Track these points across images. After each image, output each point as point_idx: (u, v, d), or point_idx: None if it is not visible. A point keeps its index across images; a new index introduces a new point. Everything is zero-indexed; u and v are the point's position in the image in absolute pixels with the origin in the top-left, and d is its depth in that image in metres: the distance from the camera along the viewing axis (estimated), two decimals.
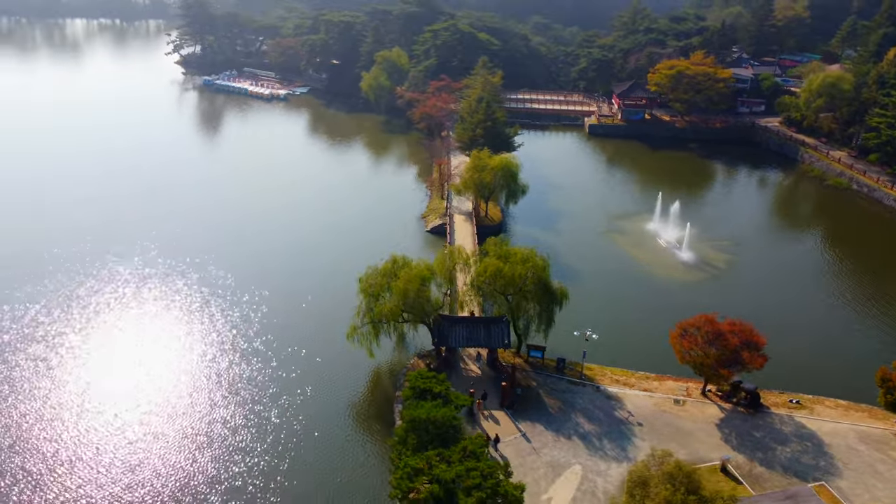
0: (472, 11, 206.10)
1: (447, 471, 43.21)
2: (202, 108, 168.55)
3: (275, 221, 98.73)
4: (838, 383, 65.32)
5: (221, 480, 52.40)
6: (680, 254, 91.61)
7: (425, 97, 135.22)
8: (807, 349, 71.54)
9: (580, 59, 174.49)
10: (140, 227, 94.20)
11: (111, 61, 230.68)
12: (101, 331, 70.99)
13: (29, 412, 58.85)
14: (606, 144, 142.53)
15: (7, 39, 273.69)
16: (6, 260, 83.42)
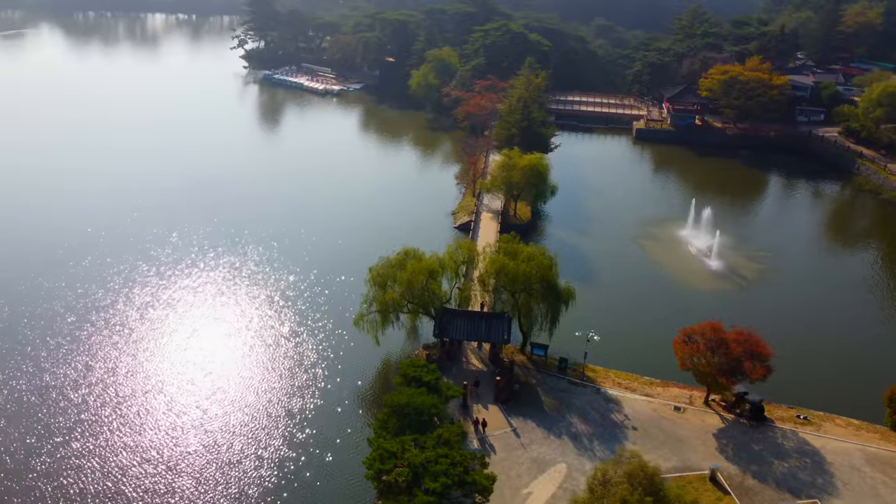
0: (531, 12, 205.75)
1: (417, 455, 44.28)
2: (259, 101, 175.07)
3: (319, 212, 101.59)
4: (855, 403, 62.69)
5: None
6: (708, 262, 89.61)
7: (470, 96, 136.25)
8: (827, 367, 69.14)
9: (635, 62, 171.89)
10: (203, 213, 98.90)
11: (183, 55, 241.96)
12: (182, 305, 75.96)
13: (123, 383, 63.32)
14: (653, 149, 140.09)
15: (93, 32, 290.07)
16: (106, 243, 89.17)
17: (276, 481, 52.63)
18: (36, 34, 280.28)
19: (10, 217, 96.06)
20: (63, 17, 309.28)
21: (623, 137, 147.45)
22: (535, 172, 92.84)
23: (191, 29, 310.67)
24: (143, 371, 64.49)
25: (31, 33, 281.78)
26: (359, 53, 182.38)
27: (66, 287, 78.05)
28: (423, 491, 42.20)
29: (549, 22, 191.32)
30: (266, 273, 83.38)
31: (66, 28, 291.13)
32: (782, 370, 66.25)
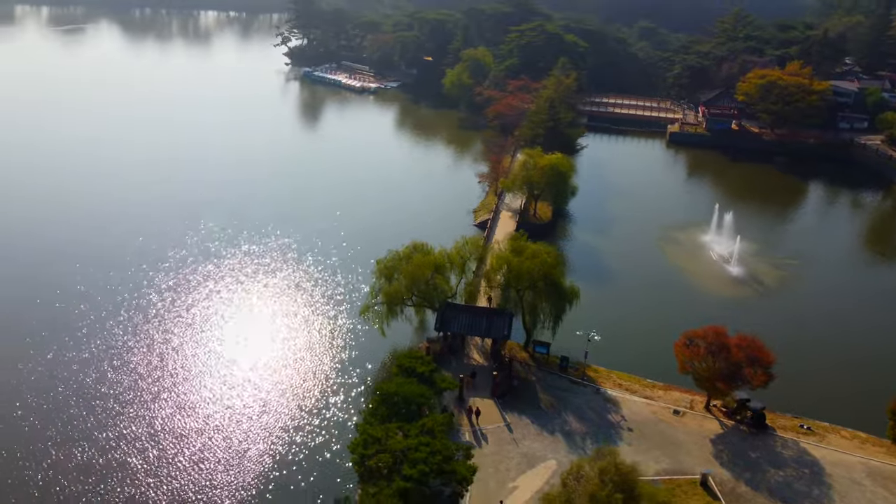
0: (572, 13, 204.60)
1: (399, 442, 45.22)
2: (296, 98, 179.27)
3: (348, 208, 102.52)
4: (865, 416, 60.88)
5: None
6: (729, 268, 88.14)
7: (502, 96, 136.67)
8: (841, 379, 67.35)
9: (675, 64, 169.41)
10: (236, 208, 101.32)
11: (230, 51, 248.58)
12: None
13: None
14: (686, 153, 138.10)
15: (148, 28, 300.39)
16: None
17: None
18: (95, 29, 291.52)
19: (85, 211, 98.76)
20: (121, 14, 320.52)
21: (657, 141, 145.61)
22: (556, 172, 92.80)
23: (241, 26, 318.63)
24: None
25: (90, 28, 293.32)
26: (397, 52, 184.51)
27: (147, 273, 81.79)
28: (401, 477, 43.07)
29: (588, 23, 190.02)
30: (293, 262, 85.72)
31: (123, 24, 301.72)
32: (792, 380, 65.44)
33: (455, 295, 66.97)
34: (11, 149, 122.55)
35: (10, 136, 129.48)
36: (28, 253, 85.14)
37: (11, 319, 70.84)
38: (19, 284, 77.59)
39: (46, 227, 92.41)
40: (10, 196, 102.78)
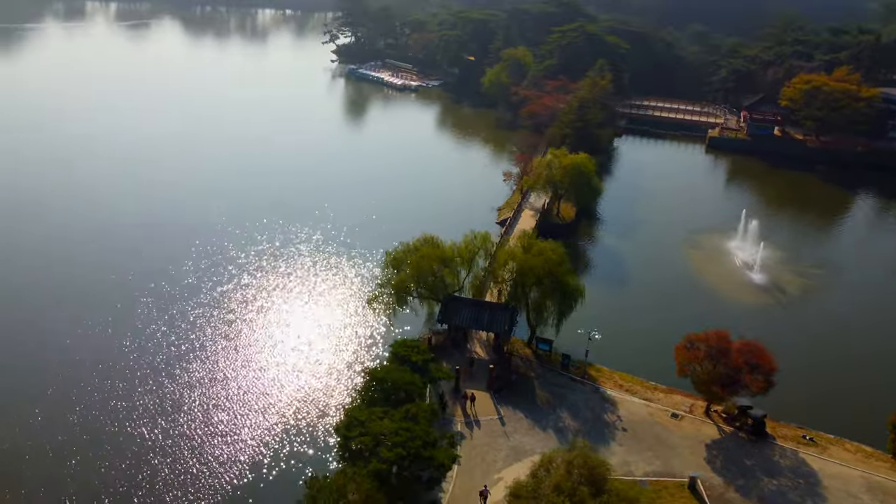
0: (619, 15, 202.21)
1: (380, 426, 46.33)
2: (340, 94, 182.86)
3: (382, 204, 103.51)
4: (875, 431, 59.20)
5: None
6: (750, 274, 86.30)
7: (538, 96, 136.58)
8: (853, 392, 65.40)
9: (721, 68, 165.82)
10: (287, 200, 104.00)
11: (283, 49, 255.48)
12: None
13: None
14: (725, 159, 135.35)
15: (208, 25, 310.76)
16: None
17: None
18: (158, 25, 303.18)
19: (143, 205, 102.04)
20: (183, 11, 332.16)
21: (696, 145, 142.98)
22: (578, 172, 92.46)
23: (296, 24, 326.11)
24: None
25: (154, 24, 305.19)
26: (439, 51, 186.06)
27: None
28: (377, 459, 44.21)
29: (635, 25, 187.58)
30: (321, 251, 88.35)
31: (185, 20, 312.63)
32: (801, 390, 64.40)
33: (462, 289, 67.78)
34: (94, 144, 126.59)
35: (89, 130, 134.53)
36: (133, 230, 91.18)
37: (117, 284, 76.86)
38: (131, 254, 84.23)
39: (155, 207, 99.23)
40: (116, 180, 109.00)
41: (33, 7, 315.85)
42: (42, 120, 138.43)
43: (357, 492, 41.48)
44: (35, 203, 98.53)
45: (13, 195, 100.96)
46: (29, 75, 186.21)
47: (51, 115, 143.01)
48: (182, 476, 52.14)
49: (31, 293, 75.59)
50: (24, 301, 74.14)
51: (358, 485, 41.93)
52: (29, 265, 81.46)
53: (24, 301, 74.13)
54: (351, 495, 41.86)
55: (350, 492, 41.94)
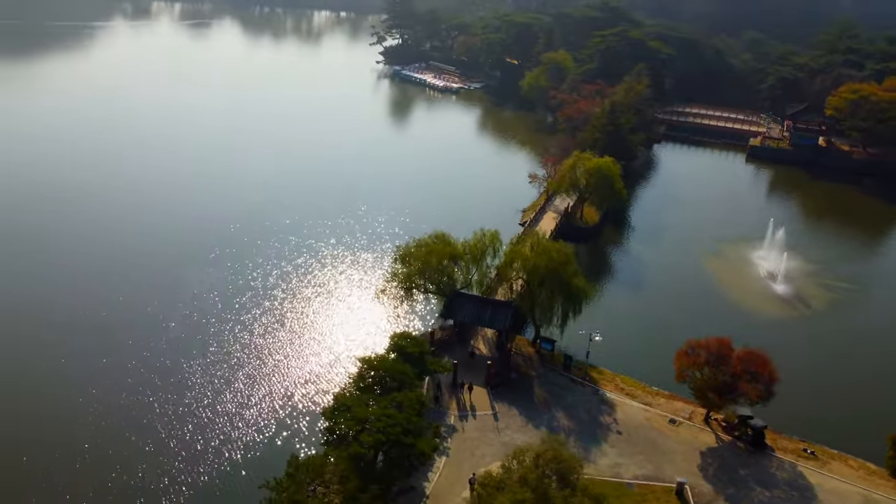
0: (668, 21, 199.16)
1: (365, 412, 47.51)
2: (382, 95, 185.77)
3: (413, 203, 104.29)
4: (881, 449, 57.38)
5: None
6: (774, 285, 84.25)
7: (575, 99, 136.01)
8: (865, 410, 63.31)
9: (769, 76, 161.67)
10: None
11: (334, 49, 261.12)
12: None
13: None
14: (765, 168, 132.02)
15: (265, 25, 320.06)
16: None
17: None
18: (219, 24, 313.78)
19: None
20: (242, 11, 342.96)
21: (736, 154, 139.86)
22: (601, 175, 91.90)
23: (349, 25, 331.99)
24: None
25: (215, 23, 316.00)
26: (482, 54, 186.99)
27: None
28: (357, 443, 45.39)
29: (683, 31, 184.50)
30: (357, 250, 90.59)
31: (244, 20, 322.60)
32: (810, 404, 63.06)
33: (469, 285, 68.34)
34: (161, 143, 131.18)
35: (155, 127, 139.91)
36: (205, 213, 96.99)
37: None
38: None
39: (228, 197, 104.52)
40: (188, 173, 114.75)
41: (104, 6, 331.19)
42: (110, 115, 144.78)
43: (333, 472, 42.77)
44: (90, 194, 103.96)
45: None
46: (100, 72, 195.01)
47: (119, 109, 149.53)
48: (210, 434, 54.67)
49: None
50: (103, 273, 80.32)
51: (335, 465, 43.23)
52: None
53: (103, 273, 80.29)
54: (328, 475, 43.23)
55: (328, 472, 43.31)
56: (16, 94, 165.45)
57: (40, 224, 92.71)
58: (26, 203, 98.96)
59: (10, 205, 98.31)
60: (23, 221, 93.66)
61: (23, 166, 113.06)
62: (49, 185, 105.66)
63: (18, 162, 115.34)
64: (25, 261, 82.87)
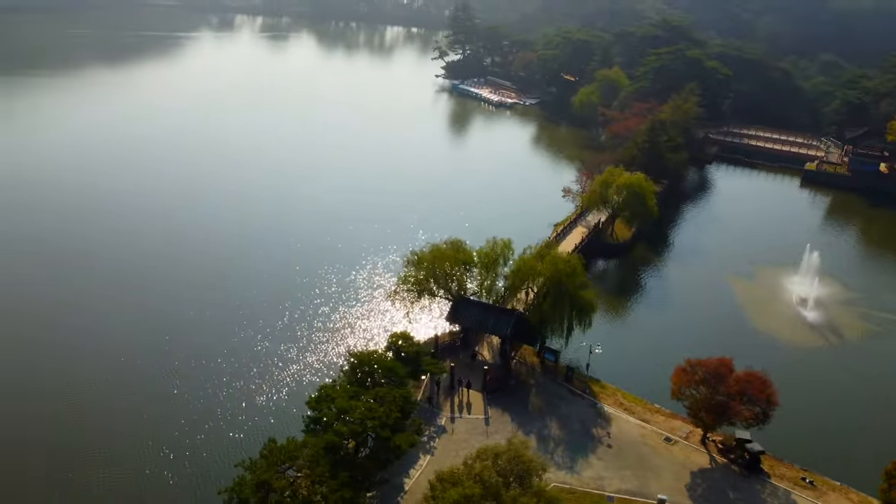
0: (736, 41, 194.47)
1: (347, 403, 49.19)
2: (443, 107, 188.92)
3: (458, 212, 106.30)
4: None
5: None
6: (803, 312, 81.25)
7: (624, 117, 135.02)
8: (879, 444, 60.31)
9: (836, 99, 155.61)
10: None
11: (403, 63, 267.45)
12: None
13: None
14: (820, 194, 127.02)
15: (339, 39, 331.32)
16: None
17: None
18: (297, 37, 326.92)
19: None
20: (318, 25, 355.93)
21: (792, 178, 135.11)
22: (632, 192, 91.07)
23: (419, 41, 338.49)
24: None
25: (292, 36, 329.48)
26: (539, 70, 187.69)
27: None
28: (333, 431, 47.10)
29: (749, 52, 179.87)
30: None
31: (319, 34, 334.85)
32: (819, 433, 61.32)
33: (480, 292, 69.19)
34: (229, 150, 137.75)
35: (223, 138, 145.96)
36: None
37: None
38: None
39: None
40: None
41: (193, 19, 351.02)
42: (189, 125, 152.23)
43: (304, 457, 44.57)
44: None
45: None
46: (183, 80, 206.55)
47: (198, 119, 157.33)
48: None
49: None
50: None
51: (309, 450, 45.05)
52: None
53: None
54: (301, 460, 45.05)
55: (302, 456, 45.14)
56: (103, 100, 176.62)
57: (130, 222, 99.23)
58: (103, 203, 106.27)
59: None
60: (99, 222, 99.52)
61: (97, 175, 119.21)
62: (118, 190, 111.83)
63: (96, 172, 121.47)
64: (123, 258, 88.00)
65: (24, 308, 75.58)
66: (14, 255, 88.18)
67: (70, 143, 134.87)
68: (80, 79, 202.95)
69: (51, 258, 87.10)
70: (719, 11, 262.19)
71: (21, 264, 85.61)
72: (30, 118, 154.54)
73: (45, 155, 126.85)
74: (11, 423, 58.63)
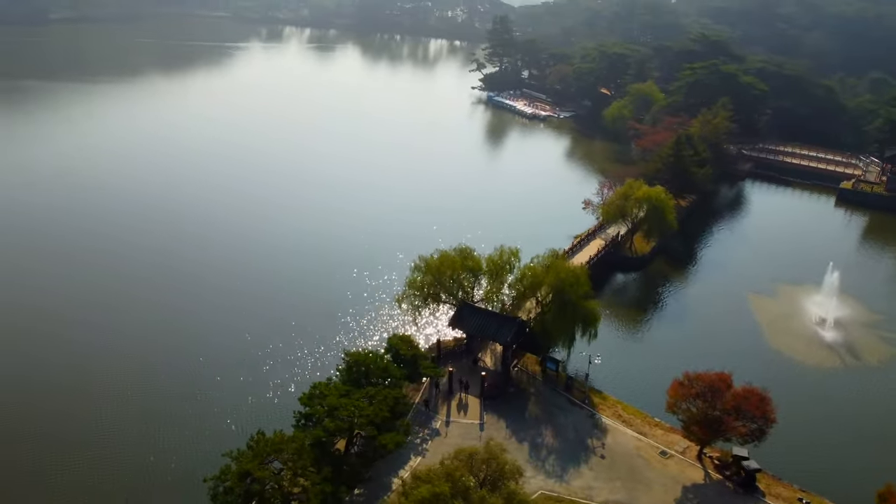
0: (776, 57, 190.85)
1: (337, 401, 50.32)
2: (478, 118, 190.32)
3: (482, 223, 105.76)
4: None
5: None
6: (822, 332, 79.24)
7: (653, 131, 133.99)
8: (885, 472, 58.54)
9: (879, 117, 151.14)
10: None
11: (445, 75, 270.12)
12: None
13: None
14: (856, 213, 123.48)
15: (383, 51, 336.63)
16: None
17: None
18: (343, 49, 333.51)
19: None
20: (364, 38, 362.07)
21: (826, 196, 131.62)
22: (651, 206, 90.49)
23: (462, 54, 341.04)
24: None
25: (339, 47, 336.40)
26: (574, 83, 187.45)
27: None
28: (321, 427, 48.28)
29: (791, 69, 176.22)
30: None
31: (364, 46, 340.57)
32: (824, 455, 59.92)
33: (486, 299, 69.64)
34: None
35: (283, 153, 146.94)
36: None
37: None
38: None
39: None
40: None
41: (243, 30, 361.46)
42: (237, 137, 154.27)
43: (289, 450, 45.81)
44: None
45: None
46: (231, 90, 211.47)
47: (247, 130, 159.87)
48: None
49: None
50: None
51: (295, 443, 46.30)
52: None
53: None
54: (287, 453, 46.29)
55: (288, 448, 46.38)
56: (153, 107, 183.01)
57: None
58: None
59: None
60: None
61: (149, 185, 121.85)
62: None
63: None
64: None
65: (55, 303, 79.36)
66: (56, 253, 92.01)
67: (118, 149, 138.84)
68: (136, 86, 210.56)
69: (78, 259, 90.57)
70: (767, 27, 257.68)
71: (55, 263, 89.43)
72: (84, 124, 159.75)
73: (94, 161, 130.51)
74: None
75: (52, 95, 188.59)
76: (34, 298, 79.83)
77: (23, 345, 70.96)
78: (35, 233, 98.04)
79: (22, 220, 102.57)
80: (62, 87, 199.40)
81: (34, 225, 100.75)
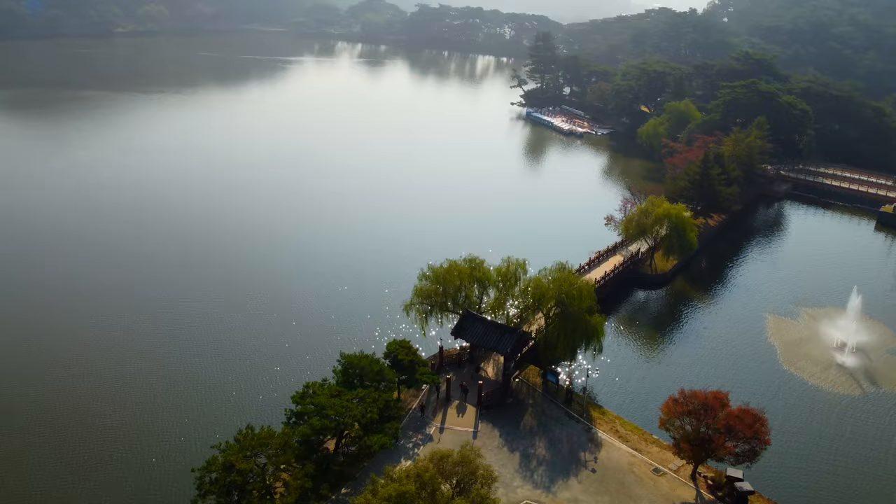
0: (824, 78, 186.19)
1: (327, 401, 51.77)
2: (516, 134, 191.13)
3: (505, 237, 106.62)
4: None
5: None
6: (840, 357, 76.98)
7: (687, 149, 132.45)
8: (883, 499, 56.85)
9: None
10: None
11: (489, 90, 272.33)
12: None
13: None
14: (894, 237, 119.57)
15: (430, 66, 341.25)
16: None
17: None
18: (392, 64, 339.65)
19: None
20: (413, 53, 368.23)
21: (867, 220, 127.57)
22: (671, 223, 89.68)
23: (508, 70, 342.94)
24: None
25: (388, 62, 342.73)
26: (612, 100, 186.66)
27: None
28: (309, 425, 49.76)
29: (838, 89, 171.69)
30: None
31: (412, 61, 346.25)
32: (824, 482, 58.39)
33: (492, 309, 70.25)
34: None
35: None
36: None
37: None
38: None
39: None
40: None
41: (297, 45, 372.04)
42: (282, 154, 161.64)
43: (274, 445, 47.40)
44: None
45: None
46: (282, 104, 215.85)
47: (292, 147, 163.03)
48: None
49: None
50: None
51: (278, 440, 47.89)
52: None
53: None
54: (273, 448, 47.90)
55: (271, 445, 47.99)
56: (207, 116, 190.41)
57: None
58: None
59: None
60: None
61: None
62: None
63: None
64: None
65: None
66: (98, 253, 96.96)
67: (167, 160, 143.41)
68: (193, 97, 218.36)
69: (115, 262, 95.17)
70: (819, 47, 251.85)
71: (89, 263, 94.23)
72: (134, 132, 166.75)
73: (140, 171, 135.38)
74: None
75: (125, 105, 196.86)
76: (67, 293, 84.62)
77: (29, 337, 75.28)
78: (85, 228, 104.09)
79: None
80: (125, 97, 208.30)
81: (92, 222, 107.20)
